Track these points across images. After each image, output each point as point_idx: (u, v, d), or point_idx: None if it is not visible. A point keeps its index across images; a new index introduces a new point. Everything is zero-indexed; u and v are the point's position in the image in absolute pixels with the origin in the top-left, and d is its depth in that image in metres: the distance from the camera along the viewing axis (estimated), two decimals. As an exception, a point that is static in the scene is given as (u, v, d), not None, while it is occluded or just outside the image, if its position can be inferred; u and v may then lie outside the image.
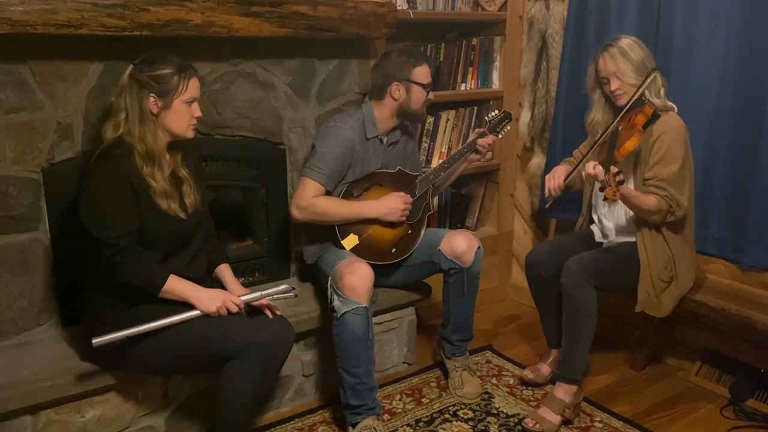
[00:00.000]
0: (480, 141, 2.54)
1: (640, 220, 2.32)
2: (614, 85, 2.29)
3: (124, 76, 1.91)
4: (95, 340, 1.84)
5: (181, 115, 1.93)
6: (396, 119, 2.45)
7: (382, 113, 2.42)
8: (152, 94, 1.88)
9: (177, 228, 1.96)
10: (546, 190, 2.42)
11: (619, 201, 2.26)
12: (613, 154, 2.16)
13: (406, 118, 2.49)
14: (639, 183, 2.30)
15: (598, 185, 2.45)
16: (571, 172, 2.39)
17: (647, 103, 2.24)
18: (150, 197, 1.90)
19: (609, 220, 2.47)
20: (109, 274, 1.86)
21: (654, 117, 2.20)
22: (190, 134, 1.99)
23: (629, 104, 2.26)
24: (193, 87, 1.93)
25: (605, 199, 2.09)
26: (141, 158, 1.88)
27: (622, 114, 2.26)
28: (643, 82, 2.25)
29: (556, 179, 2.40)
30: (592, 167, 2.12)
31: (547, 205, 2.44)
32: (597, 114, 2.42)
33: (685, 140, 2.28)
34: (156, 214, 1.91)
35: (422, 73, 2.40)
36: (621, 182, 2.06)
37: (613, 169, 2.05)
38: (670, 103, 2.34)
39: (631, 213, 2.34)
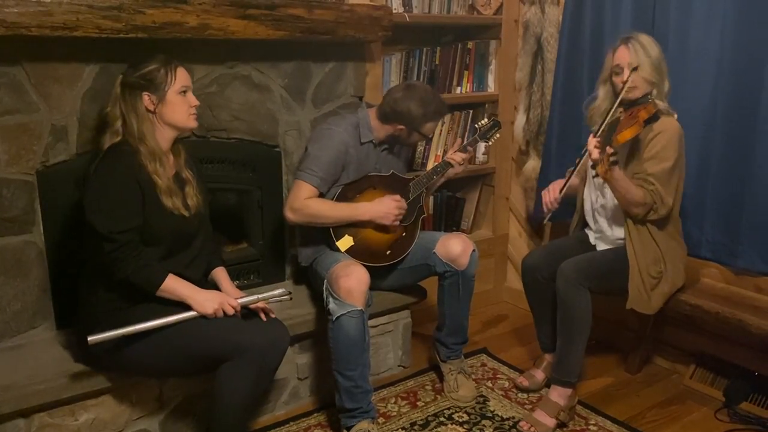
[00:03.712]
0: (450, 156, 2.55)
1: (627, 215, 2.33)
2: (626, 75, 2.29)
3: (115, 85, 1.95)
4: (91, 338, 1.84)
5: (178, 106, 1.96)
6: (389, 137, 2.47)
7: (378, 127, 2.43)
8: (145, 93, 1.92)
9: (180, 226, 1.96)
10: (543, 205, 2.45)
11: (610, 201, 2.32)
12: (611, 137, 2.17)
13: (398, 144, 2.52)
14: (629, 176, 2.31)
15: (592, 182, 2.46)
16: (569, 177, 2.40)
17: (651, 102, 2.26)
18: (155, 194, 1.91)
19: (601, 214, 2.48)
20: (108, 269, 1.86)
21: (655, 116, 2.22)
22: (193, 123, 2.02)
23: (636, 99, 2.29)
24: (181, 76, 1.97)
25: (596, 176, 2.13)
26: (145, 157, 1.91)
27: (617, 104, 2.28)
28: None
29: (551, 193, 2.43)
30: (593, 144, 2.15)
31: (545, 221, 2.46)
32: (602, 105, 2.41)
33: (681, 144, 2.30)
34: (160, 211, 1.92)
35: (431, 128, 2.45)
36: (615, 162, 2.11)
37: (609, 149, 2.09)
38: (672, 110, 2.35)
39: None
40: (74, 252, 2.10)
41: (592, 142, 2.17)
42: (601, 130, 2.26)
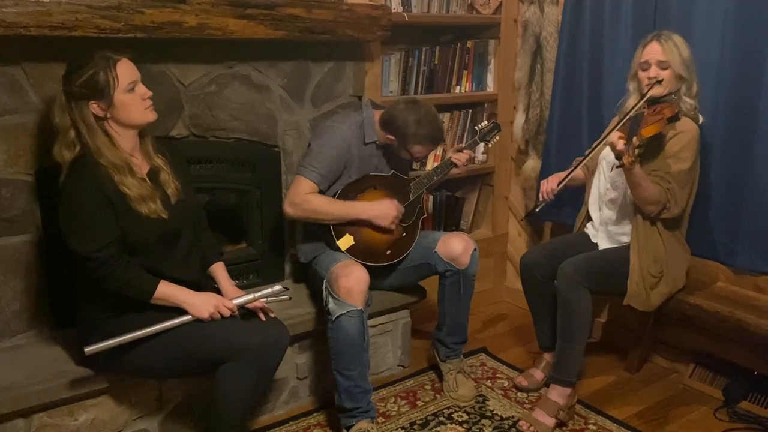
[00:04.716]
0: (455, 157, 2.53)
1: (638, 210, 2.33)
2: (653, 72, 2.29)
3: (59, 93, 1.84)
4: (87, 349, 1.83)
5: (131, 105, 1.84)
6: (385, 144, 2.45)
7: (378, 131, 2.42)
8: (92, 102, 1.80)
9: (162, 229, 1.91)
10: (539, 194, 2.46)
11: (624, 189, 2.32)
12: (635, 131, 2.17)
13: (393, 152, 2.47)
14: (645, 173, 2.31)
15: (602, 174, 2.46)
16: (571, 171, 2.41)
17: (675, 101, 2.26)
18: (127, 204, 1.84)
19: (610, 208, 2.48)
20: (98, 286, 1.84)
21: (677, 116, 2.23)
22: (151, 116, 1.90)
23: (661, 97, 2.30)
24: (124, 72, 1.82)
25: (620, 166, 2.11)
26: (109, 170, 1.82)
27: (645, 99, 2.29)
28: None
29: (549, 183, 2.44)
30: (616, 136, 2.14)
31: (537, 209, 2.45)
32: (632, 101, 2.42)
33: (698, 146, 2.31)
34: (137, 220, 1.85)
35: (419, 151, 2.38)
36: (640, 155, 2.11)
37: (635, 141, 2.09)
38: (699, 112, 2.35)
39: (632, 200, 2.34)
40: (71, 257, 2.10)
41: (615, 134, 2.17)
42: (622, 123, 2.26)
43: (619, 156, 2.11)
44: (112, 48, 1.85)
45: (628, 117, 2.28)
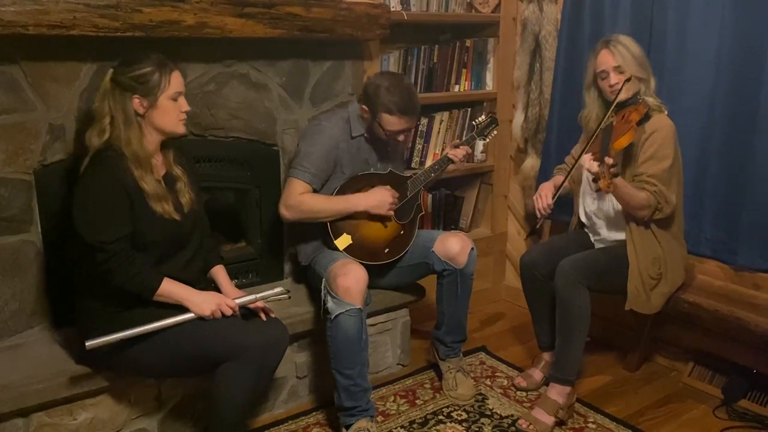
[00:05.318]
0: (451, 153, 2.52)
1: (629, 216, 2.33)
2: (614, 79, 2.29)
3: (105, 80, 1.90)
4: (88, 343, 1.83)
5: (169, 112, 1.91)
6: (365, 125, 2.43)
7: (362, 113, 2.42)
8: (136, 96, 1.86)
9: (172, 231, 1.94)
10: (536, 210, 2.43)
11: (608, 197, 2.31)
12: (608, 146, 2.17)
13: (374, 134, 2.43)
14: (629, 179, 2.31)
15: (587, 184, 2.47)
16: (561, 183, 2.40)
17: (641, 102, 2.25)
18: (144, 201, 1.88)
19: (599, 217, 2.48)
20: (102, 278, 1.85)
21: (647, 116, 2.21)
22: (182, 129, 1.97)
23: (626, 100, 2.28)
24: (175, 82, 1.91)
25: (598, 190, 2.10)
26: (130, 162, 1.87)
27: (613, 106, 2.27)
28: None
29: (543, 199, 2.40)
30: (588, 159, 2.13)
31: (537, 226, 2.44)
32: (592, 111, 2.43)
33: (675, 140, 2.30)
34: (150, 217, 1.89)
35: (389, 122, 2.31)
36: (616, 174, 2.08)
37: (608, 160, 2.06)
38: (663, 105, 2.35)
39: (620, 208, 2.34)
40: (72, 251, 2.10)
41: (588, 155, 2.15)
42: (594, 138, 2.25)
43: (595, 179, 2.09)
44: (169, 52, 1.94)
45: (600, 129, 2.26)
